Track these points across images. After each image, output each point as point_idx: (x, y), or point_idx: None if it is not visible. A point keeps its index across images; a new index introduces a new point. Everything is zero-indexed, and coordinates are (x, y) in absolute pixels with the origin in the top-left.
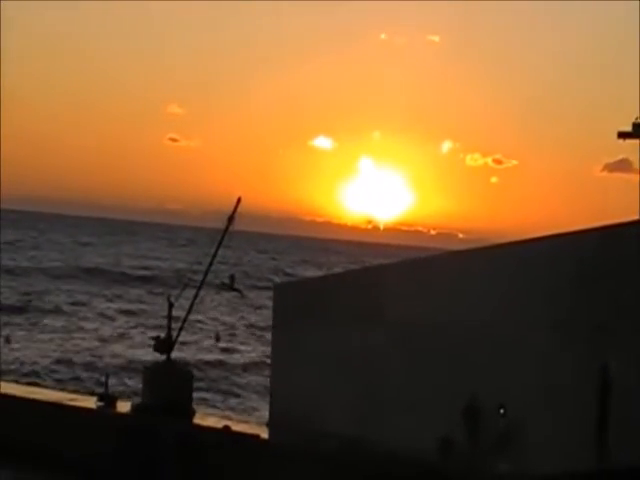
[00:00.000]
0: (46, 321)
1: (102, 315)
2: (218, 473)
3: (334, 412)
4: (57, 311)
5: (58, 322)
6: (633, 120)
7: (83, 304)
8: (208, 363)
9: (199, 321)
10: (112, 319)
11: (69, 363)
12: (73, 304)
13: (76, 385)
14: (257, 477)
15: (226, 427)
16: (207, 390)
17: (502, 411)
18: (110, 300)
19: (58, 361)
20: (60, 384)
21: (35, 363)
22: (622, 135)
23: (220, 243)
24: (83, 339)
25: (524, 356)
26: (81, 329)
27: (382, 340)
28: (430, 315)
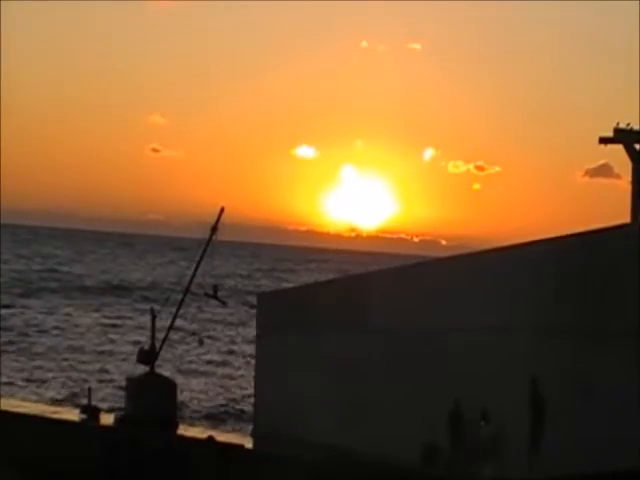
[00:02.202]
0: None
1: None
2: None
3: (319, 421)
4: None
5: None
6: (614, 125)
7: None
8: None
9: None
10: None
11: None
12: None
13: None
14: None
15: (210, 437)
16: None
17: (483, 421)
18: None
19: None
20: None
21: None
22: (603, 140)
23: (203, 253)
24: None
25: (508, 362)
26: None
27: (367, 348)
28: (414, 322)
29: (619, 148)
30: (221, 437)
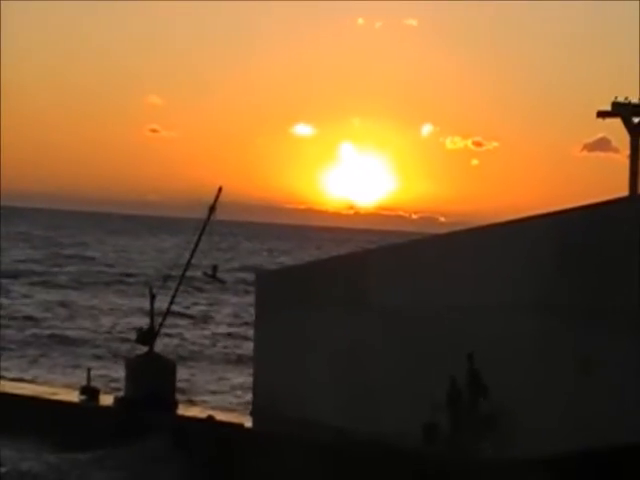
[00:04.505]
0: None
1: None
2: (203, 462)
3: (318, 400)
4: None
5: None
6: (612, 99)
7: None
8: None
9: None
10: None
11: None
12: None
13: None
14: (243, 466)
15: (210, 417)
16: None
17: (483, 399)
18: None
19: None
20: None
21: None
22: (601, 114)
23: (202, 233)
24: None
25: (510, 340)
26: None
27: (366, 327)
28: (415, 300)
29: (617, 122)
30: (220, 416)
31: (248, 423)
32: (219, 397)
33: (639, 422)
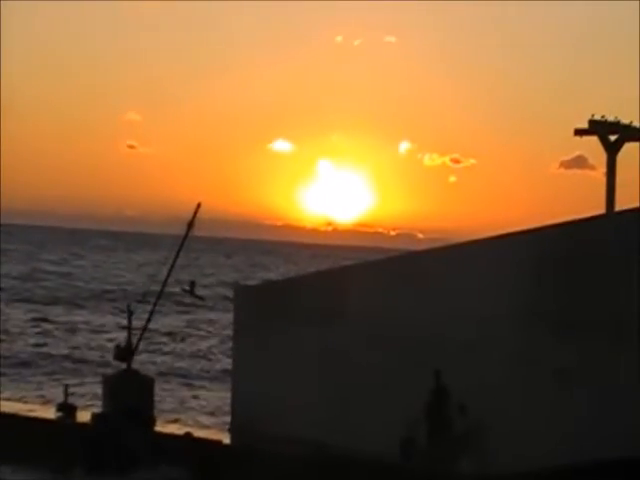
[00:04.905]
0: None
1: None
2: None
3: (297, 416)
4: None
5: None
6: (589, 117)
7: None
8: None
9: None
10: None
11: None
12: None
13: None
14: None
15: (187, 434)
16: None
17: (461, 414)
18: None
19: None
20: None
21: None
22: (579, 132)
23: (180, 249)
24: None
25: (488, 354)
26: None
27: (345, 342)
28: (394, 316)
29: (594, 140)
30: (199, 433)
31: (226, 440)
32: (197, 414)
33: (620, 436)
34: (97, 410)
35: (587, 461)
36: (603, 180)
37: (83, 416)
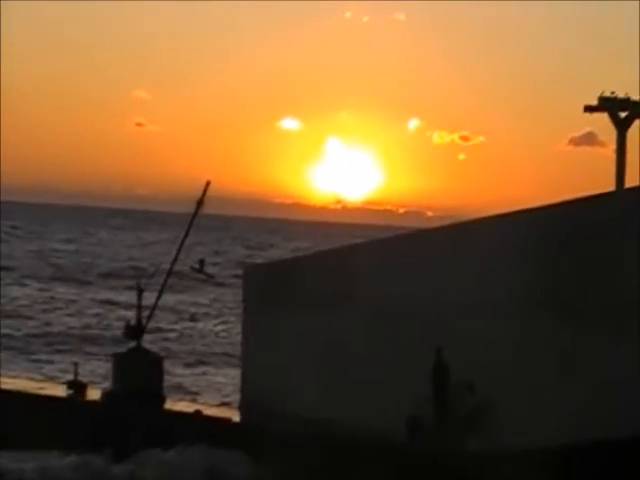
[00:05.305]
0: None
1: None
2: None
3: (306, 394)
4: None
5: None
6: (599, 94)
7: None
8: None
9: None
10: None
11: None
12: None
13: None
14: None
15: (197, 412)
16: None
17: (470, 390)
18: None
19: None
20: None
21: None
22: (588, 109)
23: (189, 227)
24: None
25: (493, 335)
26: None
27: (353, 321)
28: (400, 295)
29: (604, 116)
30: (208, 411)
31: (236, 418)
32: (206, 392)
33: (624, 416)
34: (107, 388)
35: (594, 440)
36: (613, 157)
37: (93, 394)
